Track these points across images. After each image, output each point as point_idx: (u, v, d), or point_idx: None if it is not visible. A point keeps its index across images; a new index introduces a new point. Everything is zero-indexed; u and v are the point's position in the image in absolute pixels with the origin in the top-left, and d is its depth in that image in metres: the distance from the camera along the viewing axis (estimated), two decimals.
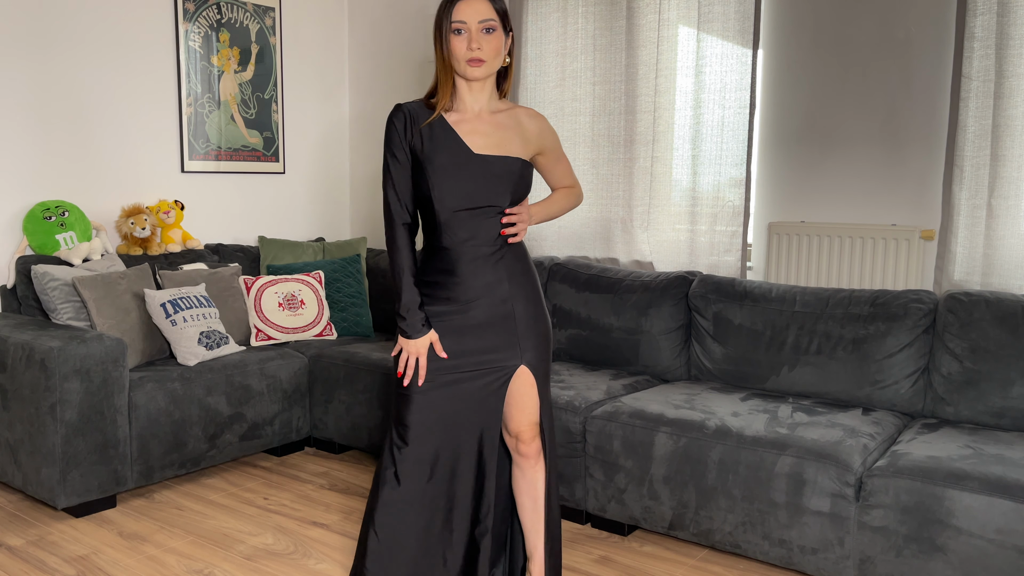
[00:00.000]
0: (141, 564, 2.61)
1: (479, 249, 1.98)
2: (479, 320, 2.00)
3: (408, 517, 2.00)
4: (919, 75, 3.12)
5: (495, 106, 2.03)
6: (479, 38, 1.89)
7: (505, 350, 2.01)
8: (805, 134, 3.39)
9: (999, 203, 2.91)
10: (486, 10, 1.89)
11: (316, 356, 3.59)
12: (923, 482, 2.23)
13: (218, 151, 4.17)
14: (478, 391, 2.01)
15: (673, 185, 3.60)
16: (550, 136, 2.11)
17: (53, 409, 2.79)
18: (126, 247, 3.69)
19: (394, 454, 2.00)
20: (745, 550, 2.53)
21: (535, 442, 2.10)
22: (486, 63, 1.92)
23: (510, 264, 2.02)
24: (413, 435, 1.99)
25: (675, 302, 3.26)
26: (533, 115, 2.08)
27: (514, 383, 2.04)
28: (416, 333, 1.96)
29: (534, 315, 2.05)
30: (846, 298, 2.96)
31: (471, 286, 1.99)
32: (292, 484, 3.30)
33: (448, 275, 2.00)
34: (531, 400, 2.06)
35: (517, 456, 2.12)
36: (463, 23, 1.89)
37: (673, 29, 3.52)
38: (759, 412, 2.71)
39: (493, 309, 2.00)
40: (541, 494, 2.13)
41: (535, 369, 2.04)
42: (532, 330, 2.04)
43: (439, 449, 2.01)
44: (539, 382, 2.05)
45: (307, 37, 4.55)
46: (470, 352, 2.00)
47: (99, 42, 3.70)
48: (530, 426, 2.08)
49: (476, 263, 1.99)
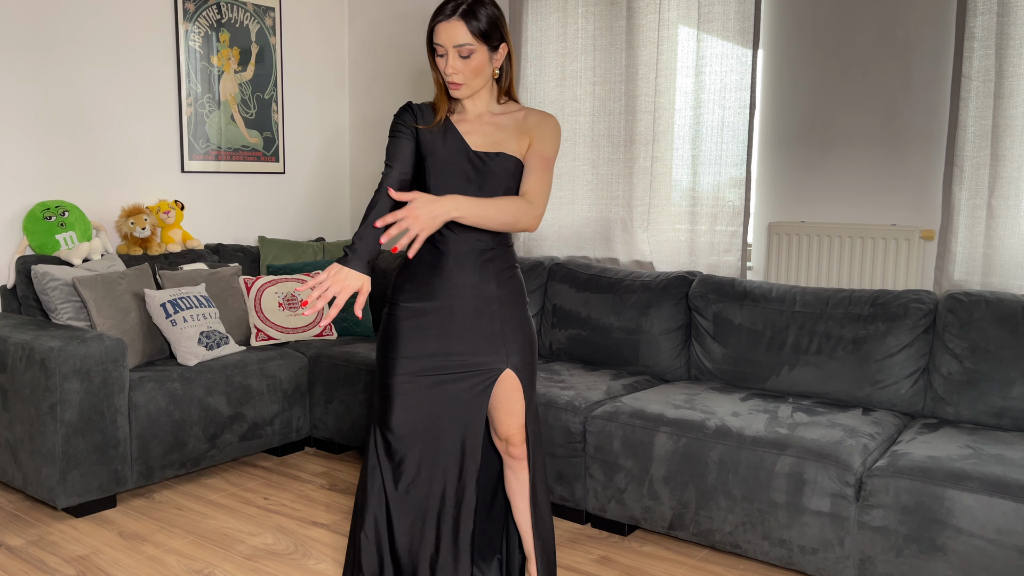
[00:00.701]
0: (141, 564, 2.61)
1: (469, 247, 1.98)
2: (464, 320, 1.99)
3: (395, 517, 2.01)
4: (919, 75, 3.12)
5: (496, 109, 2.03)
6: (455, 62, 1.89)
7: (490, 353, 2.00)
8: (805, 134, 3.39)
9: (999, 203, 2.91)
10: (462, 35, 1.87)
11: (316, 356, 3.59)
12: (923, 482, 2.23)
13: (218, 151, 4.17)
14: (462, 393, 2.00)
15: (673, 185, 3.60)
16: (546, 133, 2.00)
17: (53, 409, 2.79)
18: (126, 247, 3.69)
19: (379, 456, 2.01)
20: (745, 550, 2.53)
21: (525, 444, 2.10)
22: (464, 85, 1.92)
23: (498, 267, 2.02)
24: (396, 436, 1.99)
25: (675, 302, 3.26)
26: (543, 116, 2.02)
27: (500, 387, 2.03)
28: (355, 264, 1.81)
29: (519, 319, 2.05)
30: (846, 298, 2.96)
31: (457, 284, 1.99)
32: (292, 484, 3.30)
33: (435, 271, 1.99)
34: (518, 404, 2.05)
35: (508, 459, 2.13)
36: (441, 46, 1.90)
37: (673, 29, 3.52)
38: (759, 412, 2.71)
39: (478, 309, 2.00)
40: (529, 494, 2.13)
41: (520, 372, 2.03)
42: (517, 333, 2.03)
43: (422, 450, 2.00)
44: (525, 385, 2.05)
45: (307, 37, 4.55)
46: (455, 353, 1.99)
47: (99, 42, 3.70)
48: (519, 430, 2.08)
49: (464, 261, 1.98)
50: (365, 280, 1.83)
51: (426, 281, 2.00)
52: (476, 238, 1.99)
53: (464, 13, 1.86)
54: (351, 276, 1.81)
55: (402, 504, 2.01)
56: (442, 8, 1.89)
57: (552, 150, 1.99)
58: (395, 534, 2.02)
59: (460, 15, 1.86)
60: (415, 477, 2.01)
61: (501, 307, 2.01)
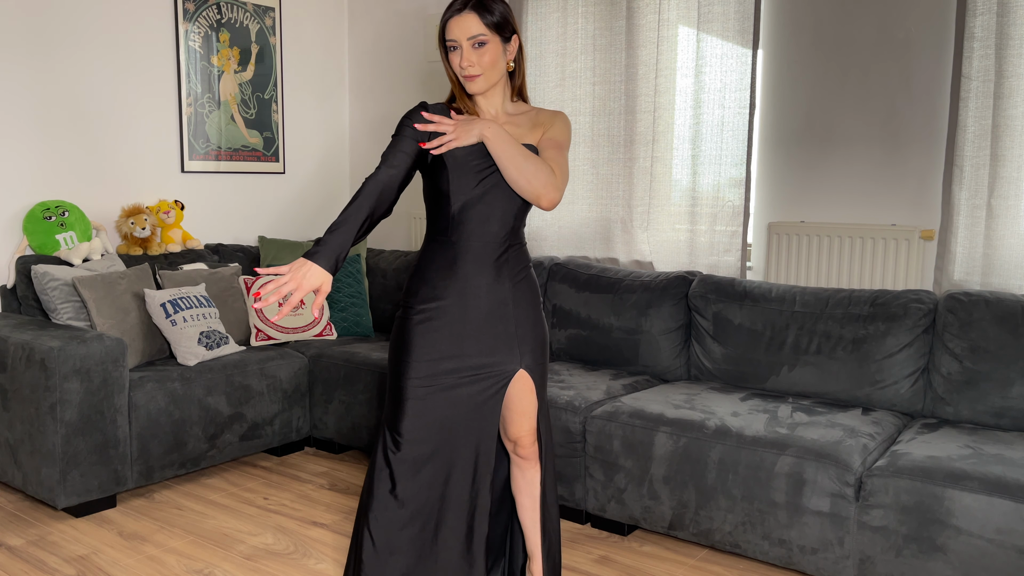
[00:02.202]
0: (141, 564, 2.61)
1: (484, 248, 1.97)
2: (478, 320, 1.98)
3: (403, 521, 1.98)
4: (919, 75, 3.12)
5: (511, 108, 2.04)
6: (470, 54, 1.90)
7: (503, 353, 1.99)
8: (805, 134, 3.39)
9: (999, 203, 2.91)
10: (475, 26, 1.88)
11: (316, 356, 3.59)
12: (923, 482, 2.24)
13: (218, 151, 4.17)
14: (475, 396, 1.98)
15: (673, 185, 3.60)
16: (558, 125, 2.04)
17: (53, 409, 2.79)
18: (126, 247, 3.69)
19: (388, 457, 1.98)
20: (745, 550, 2.53)
21: (535, 446, 2.09)
22: (482, 76, 1.93)
23: (512, 267, 2.02)
24: (407, 440, 1.96)
25: (675, 302, 3.26)
26: (554, 115, 2.06)
27: (513, 388, 2.03)
28: (320, 260, 1.75)
29: (533, 319, 2.04)
30: (846, 298, 2.96)
31: (472, 284, 1.98)
32: (292, 484, 3.30)
33: (450, 271, 1.98)
34: (531, 405, 2.05)
35: (516, 458, 2.12)
36: (454, 41, 1.91)
37: (673, 29, 3.52)
38: (759, 412, 2.71)
39: (492, 310, 1.99)
40: (540, 493, 2.13)
41: (533, 373, 2.03)
42: (531, 334, 2.03)
43: (433, 454, 1.98)
44: (537, 386, 2.05)
45: (307, 37, 4.55)
46: (469, 355, 1.97)
47: (99, 42, 3.70)
48: (530, 432, 2.07)
49: (479, 261, 1.98)
50: (326, 279, 1.76)
51: (440, 283, 1.98)
52: (493, 239, 1.98)
53: (475, 6, 1.89)
54: (311, 274, 1.74)
55: (409, 507, 2.00)
56: (453, 3, 1.91)
57: (565, 138, 2.01)
58: (401, 537, 2.00)
59: (472, 7, 1.89)
60: (424, 481, 1.98)
61: (515, 308, 2.01)
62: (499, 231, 1.98)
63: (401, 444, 1.97)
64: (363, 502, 2.02)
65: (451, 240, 1.98)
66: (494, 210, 1.96)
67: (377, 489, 1.99)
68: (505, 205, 1.97)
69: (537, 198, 1.89)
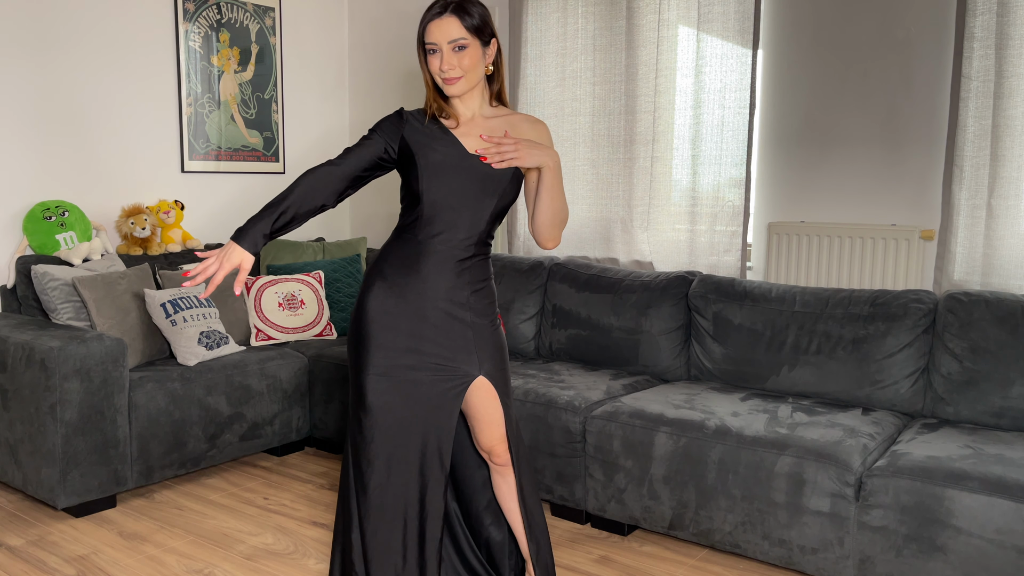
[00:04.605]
0: (141, 564, 2.61)
1: (450, 251, 1.97)
2: (436, 324, 1.98)
3: (365, 521, 2.00)
4: (919, 75, 3.12)
5: (488, 112, 2.04)
6: (450, 57, 1.91)
7: (462, 358, 1.99)
8: (805, 134, 3.39)
9: (999, 203, 2.91)
10: (456, 30, 1.89)
11: (316, 356, 3.59)
12: (923, 482, 2.24)
13: (218, 151, 4.17)
14: (436, 397, 1.98)
15: (673, 185, 3.60)
16: (545, 142, 2.07)
17: (53, 409, 2.79)
18: (126, 247, 3.69)
19: (354, 454, 2.00)
20: (745, 550, 2.53)
21: (508, 452, 2.10)
22: (462, 78, 1.93)
23: (474, 275, 2.02)
24: (366, 439, 1.98)
25: (675, 302, 3.26)
26: (534, 122, 2.06)
27: (476, 396, 2.02)
28: (247, 242, 1.86)
29: (490, 327, 2.04)
30: (846, 298, 2.96)
31: (432, 286, 1.97)
32: (292, 484, 3.30)
33: (412, 270, 1.98)
34: (496, 412, 2.05)
35: (494, 466, 2.13)
36: (434, 44, 1.91)
37: (673, 29, 3.53)
38: (759, 412, 2.71)
39: (450, 314, 1.98)
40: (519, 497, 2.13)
41: (495, 380, 2.03)
42: (488, 341, 2.02)
43: (391, 452, 1.99)
44: (500, 393, 2.04)
45: (307, 37, 4.55)
46: (427, 353, 1.98)
47: (99, 42, 3.70)
48: (501, 440, 2.07)
49: (443, 264, 1.98)
50: (245, 257, 1.86)
51: (402, 275, 1.98)
52: (460, 242, 1.98)
53: (455, 9, 1.90)
54: (233, 253, 1.86)
55: (373, 508, 1.99)
56: (432, 7, 1.92)
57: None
58: (366, 539, 2.00)
59: (452, 11, 1.89)
60: (384, 481, 1.99)
61: (473, 315, 2.01)
62: (465, 238, 1.99)
63: (363, 441, 1.99)
64: (345, 508, 2.05)
65: (417, 238, 1.99)
66: (462, 217, 1.97)
67: (345, 489, 2.03)
68: (475, 215, 1.98)
69: (549, 239, 2.04)
